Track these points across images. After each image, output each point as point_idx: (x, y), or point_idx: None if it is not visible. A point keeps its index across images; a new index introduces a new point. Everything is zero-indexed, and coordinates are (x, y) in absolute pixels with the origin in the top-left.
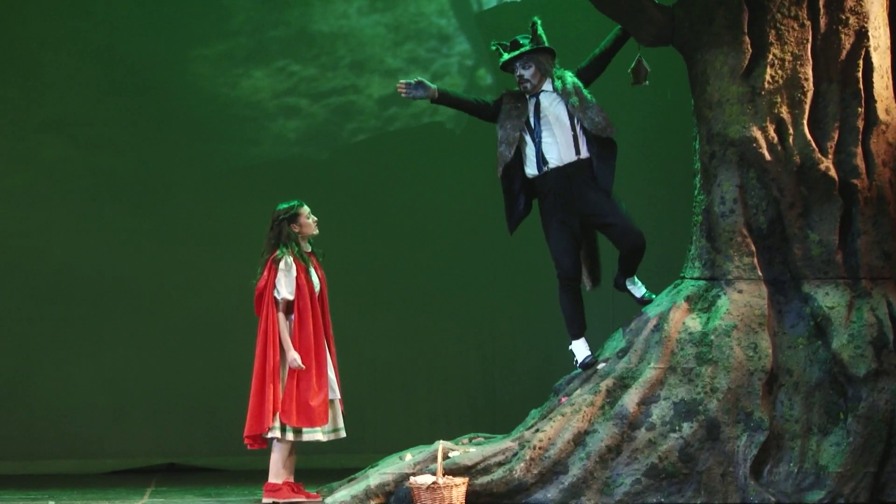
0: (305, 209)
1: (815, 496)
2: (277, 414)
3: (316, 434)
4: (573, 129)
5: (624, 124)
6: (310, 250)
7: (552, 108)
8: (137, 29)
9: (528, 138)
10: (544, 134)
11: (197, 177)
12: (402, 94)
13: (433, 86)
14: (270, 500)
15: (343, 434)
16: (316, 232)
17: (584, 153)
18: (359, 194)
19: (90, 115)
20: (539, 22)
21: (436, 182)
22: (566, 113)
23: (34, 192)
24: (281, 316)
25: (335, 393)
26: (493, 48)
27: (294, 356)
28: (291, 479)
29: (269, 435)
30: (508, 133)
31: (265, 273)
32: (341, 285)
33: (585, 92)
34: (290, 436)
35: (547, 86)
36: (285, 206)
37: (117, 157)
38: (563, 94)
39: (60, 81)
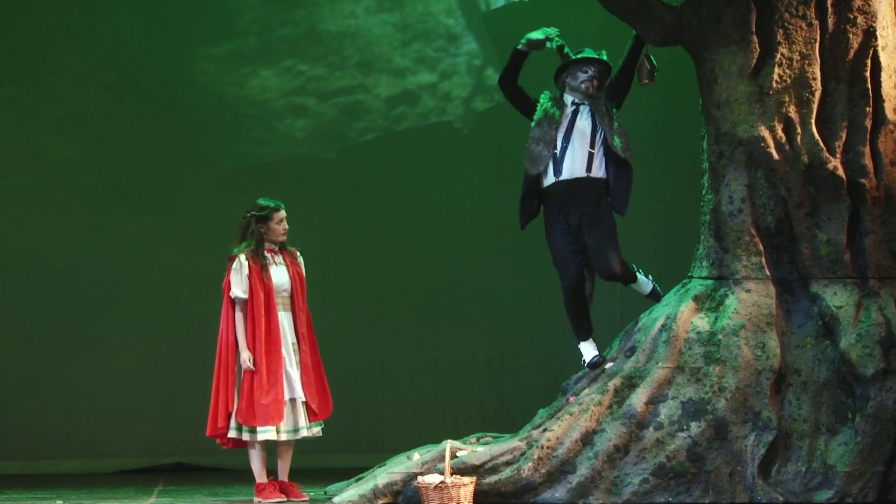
0: (280, 214)
1: (823, 496)
2: (232, 413)
3: (268, 433)
4: (592, 146)
5: (631, 124)
6: (276, 248)
7: (581, 122)
8: (145, 28)
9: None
10: (568, 145)
11: (204, 176)
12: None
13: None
14: (257, 501)
15: (305, 434)
16: (282, 239)
17: (595, 172)
18: (366, 194)
19: (97, 114)
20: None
21: (443, 182)
22: (591, 130)
23: (41, 191)
24: (238, 315)
25: (294, 392)
26: (558, 44)
27: (245, 356)
28: (285, 479)
29: (229, 434)
30: (545, 132)
31: (227, 271)
32: (349, 284)
33: (614, 112)
34: (245, 435)
35: (589, 102)
36: (263, 202)
37: (124, 157)
38: (595, 111)
39: (67, 80)
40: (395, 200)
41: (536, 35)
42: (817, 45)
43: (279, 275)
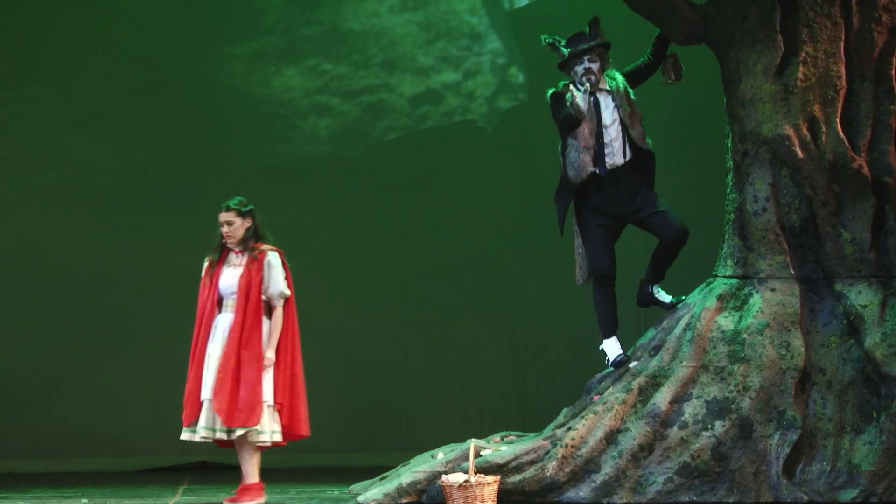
0: (219, 216)
1: (847, 495)
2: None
3: (186, 433)
4: (623, 133)
5: (655, 122)
6: (240, 249)
7: (609, 110)
8: (170, 27)
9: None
10: (605, 140)
11: (229, 175)
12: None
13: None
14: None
15: (204, 435)
16: (225, 241)
17: (628, 155)
18: (390, 193)
19: (122, 113)
20: (599, 19)
21: (467, 180)
22: (619, 118)
23: (66, 190)
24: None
25: (205, 393)
26: (548, 41)
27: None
28: (245, 481)
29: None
30: (587, 139)
31: None
32: (373, 283)
33: (632, 95)
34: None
35: (602, 84)
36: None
37: (150, 156)
38: (616, 97)
39: (93, 79)
40: (419, 199)
41: (577, 98)
42: (842, 43)
43: (229, 277)
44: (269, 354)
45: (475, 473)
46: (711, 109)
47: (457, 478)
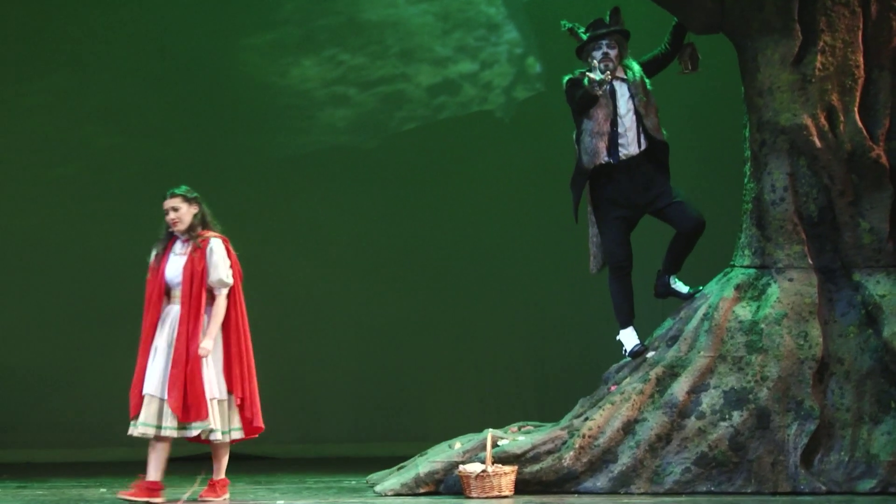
0: (166, 203)
1: (866, 485)
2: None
3: (131, 427)
4: (638, 123)
5: (672, 112)
6: (187, 237)
7: (624, 99)
8: (187, 18)
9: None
10: (619, 129)
11: (246, 166)
12: (598, 76)
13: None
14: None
15: (167, 433)
16: (174, 229)
17: (643, 145)
18: (407, 183)
19: (140, 104)
20: (619, 9)
21: (484, 170)
22: (634, 106)
23: (84, 181)
24: None
25: (147, 388)
26: (567, 27)
27: None
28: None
29: None
30: (601, 125)
31: None
32: (389, 273)
33: (648, 85)
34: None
35: (619, 73)
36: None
37: (167, 147)
38: (633, 86)
39: (110, 71)
40: (436, 189)
41: (594, 77)
42: (860, 32)
43: (174, 266)
44: (205, 343)
45: (492, 463)
46: (729, 99)
47: (474, 468)
